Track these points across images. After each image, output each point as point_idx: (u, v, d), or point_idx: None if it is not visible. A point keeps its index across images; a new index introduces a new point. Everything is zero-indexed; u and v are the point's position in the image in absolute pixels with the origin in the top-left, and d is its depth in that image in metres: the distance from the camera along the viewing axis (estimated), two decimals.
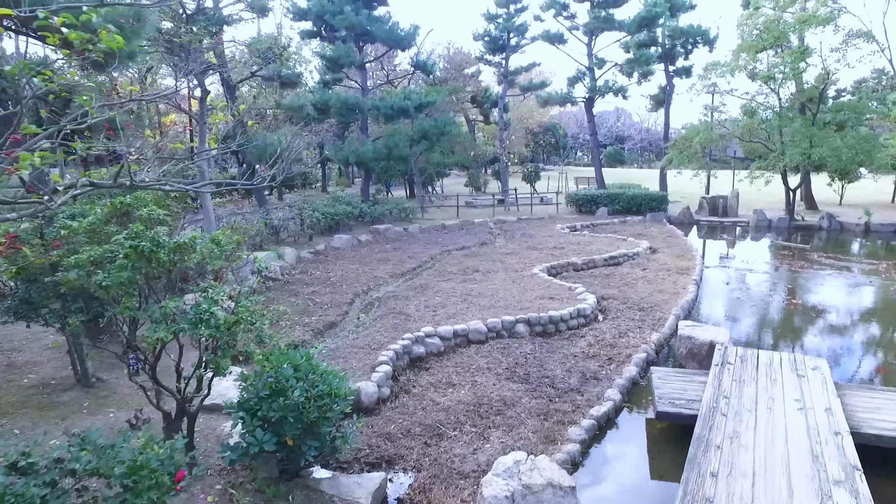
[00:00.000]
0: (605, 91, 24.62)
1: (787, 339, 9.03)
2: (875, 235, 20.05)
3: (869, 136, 22.16)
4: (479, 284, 11.60)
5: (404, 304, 10.27)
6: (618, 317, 9.44)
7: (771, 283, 12.66)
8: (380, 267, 13.87)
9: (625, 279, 12.00)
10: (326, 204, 18.56)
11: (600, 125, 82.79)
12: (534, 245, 16.18)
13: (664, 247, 16.02)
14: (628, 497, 5.03)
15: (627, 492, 5.09)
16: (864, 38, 19.83)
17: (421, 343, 8.00)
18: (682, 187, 30.47)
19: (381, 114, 19.54)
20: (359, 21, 18.51)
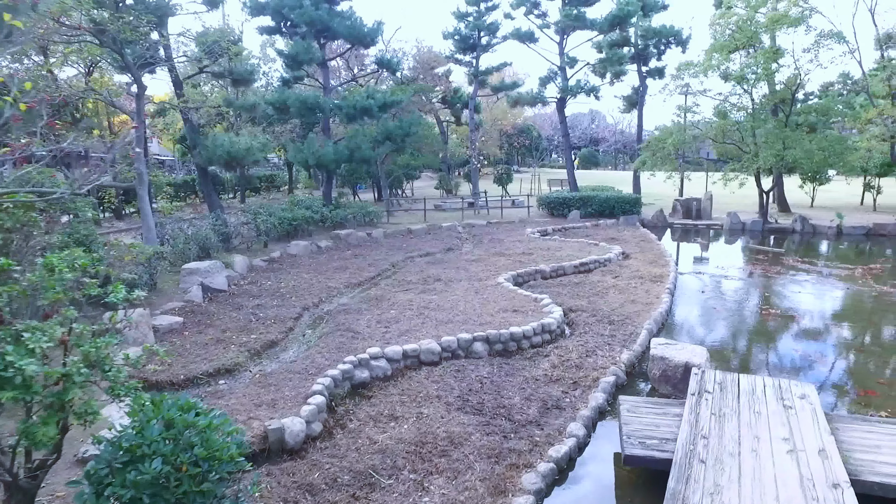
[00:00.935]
0: (577, 91, 24.02)
1: (768, 356, 8.36)
2: (847, 238, 19.77)
3: (840, 138, 21.95)
4: (439, 296, 10.75)
5: (355, 319, 9.37)
6: (586, 331, 8.67)
7: (746, 291, 12.07)
8: (336, 276, 12.95)
9: (595, 288, 11.26)
10: (284, 208, 17.55)
11: (574, 127, 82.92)
12: (501, 251, 15.40)
13: (637, 252, 15.38)
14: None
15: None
16: (836, 38, 19.53)
17: (365, 366, 7.12)
18: (656, 189, 30.07)
19: (343, 114, 18.59)
20: (319, 16, 17.55)
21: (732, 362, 7.98)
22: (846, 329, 9.52)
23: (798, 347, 8.50)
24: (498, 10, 26.40)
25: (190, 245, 13.10)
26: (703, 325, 9.73)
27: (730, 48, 20.11)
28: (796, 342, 8.77)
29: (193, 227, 14.20)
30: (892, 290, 11.85)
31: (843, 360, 8.08)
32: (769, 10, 19.81)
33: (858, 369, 7.71)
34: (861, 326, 9.70)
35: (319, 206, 18.91)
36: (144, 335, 8.09)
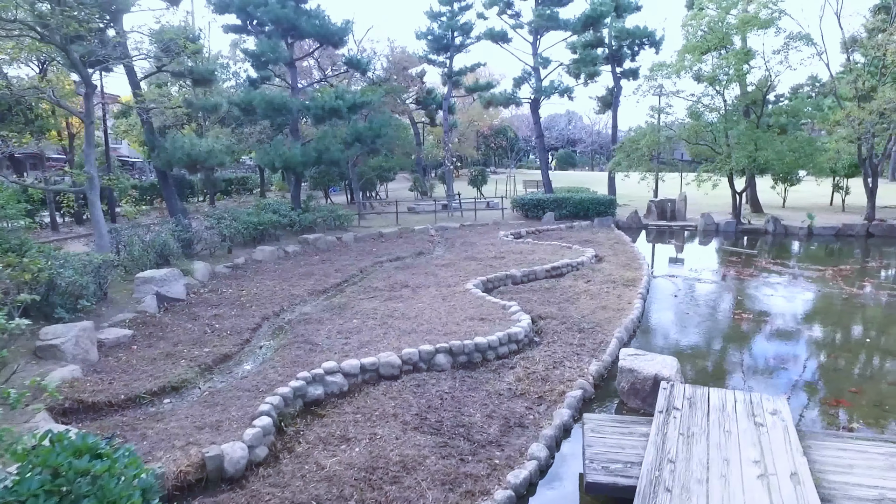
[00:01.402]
0: (551, 92, 23.83)
1: (740, 364, 8.13)
2: (817, 238, 19.87)
3: (810, 140, 22.10)
4: (405, 303, 10.37)
5: (315, 329, 8.95)
6: (555, 340, 8.36)
7: (720, 294, 11.91)
8: (301, 283, 12.49)
9: (566, 293, 10.98)
10: (250, 212, 17.00)
11: (552, 128, 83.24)
12: (473, 255, 15.07)
13: (611, 255, 15.17)
14: None
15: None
16: (804, 40, 19.62)
17: (320, 382, 6.70)
18: (631, 190, 30.07)
19: (311, 114, 18.11)
20: (285, 14, 17.05)
21: (704, 372, 7.74)
22: (818, 334, 9.38)
23: (770, 354, 8.30)
24: (471, 11, 26.08)
25: (148, 252, 12.52)
26: (675, 331, 9.50)
27: (702, 49, 20.09)
28: (768, 349, 8.57)
29: (152, 232, 13.60)
30: (861, 292, 11.80)
31: (814, 367, 7.90)
32: (740, 12, 19.82)
33: (830, 377, 7.52)
34: (832, 331, 9.56)
35: (287, 209, 18.38)
36: (86, 351, 7.57)
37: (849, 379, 7.39)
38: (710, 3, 20.40)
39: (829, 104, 28.94)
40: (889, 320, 10.13)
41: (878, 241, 19.33)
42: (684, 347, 8.75)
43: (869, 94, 19.90)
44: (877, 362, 8.03)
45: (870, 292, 11.82)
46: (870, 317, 10.40)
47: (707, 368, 7.82)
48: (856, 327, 9.77)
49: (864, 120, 18.97)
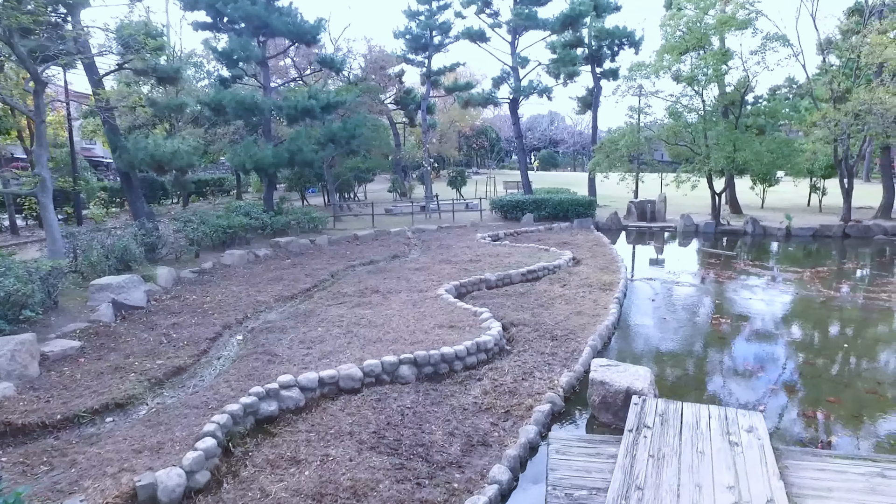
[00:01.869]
0: (529, 92, 23.56)
1: (716, 373, 7.86)
2: (795, 239, 19.85)
3: (788, 141, 22.11)
4: (374, 310, 9.98)
5: (277, 339, 8.53)
6: (526, 349, 8.03)
7: (698, 298, 11.68)
8: (269, 288, 12.04)
9: (541, 298, 10.67)
10: (220, 215, 16.46)
11: (534, 128, 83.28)
12: (448, 258, 14.72)
13: (588, 257, 14.91)
14: None
15: None
16: (781, 41, 19.58)
17: (274, 398, 6.29)
18: (612, 191, 29.94)
19: (284, 114, 17.64)
20: (256, 11, 16.55)
21: (679, 382, 7.45)
22: (795, 339, 9.16)
23: (747, 362, 8.04)
24: (450, 10, 25.78)
25: (108, 257, 11.98)
26: (651, 338, 9.22)
27: (680, 49, 19.97)
28: (745, 356, 8.32)
29: (114, 236, 13.04)
30: (839, 295, 11.65)
31: (792, 375, 7.66)
32: (718, 12, 19.74)
33: (807, 385, 7.28)
34: (810, 336, 9.36)
35: (259, 212, 17.88)
36: (24, 366, 7.07)
37: (827, 387, 7.16)
38: (689, 2, 20.28)
39: (806, 105, 29.11)
40: (865, 324, 9.97)
41: (854, 241, 19.36)
42: (660, 355, 8.47)
43: (844, 96, 19.93)
44: (854, 368, 7.82)
45: (846, 295, 11.68)
46: (846, 321, 10.23)
47: (682, 378, 7.54)
48: (833, 332, 9.59)
49: (840, 121, 18.97)
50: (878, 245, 18.57)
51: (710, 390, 7.07)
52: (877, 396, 6.78)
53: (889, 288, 12.28)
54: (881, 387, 7.09)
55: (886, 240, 19.50)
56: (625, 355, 8.36)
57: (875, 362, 8.06)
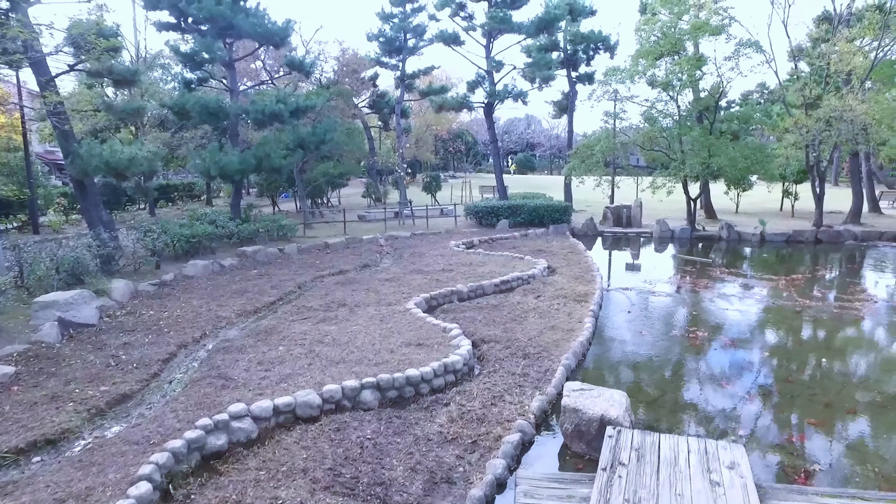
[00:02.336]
0: (504, 96, 23.29)
1: (693, 394, 7.58)
2: (770, 244, 19.88)
3: (761, 146, 22.20)
4: (339, 326, 9.52)
5: (234, 360, 8.02)
6: (497, 369, 7.66)
7: (674, 309, 11.44)
8: (231, 302, 11.50)
9: (514, 311, 10.32)
10: (183, 223, 15.83)
11: (511, 132, 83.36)
12: (420, 267, 14.30)
13: (564, 265, 14.63)
14: None
15: None
16: (754, 47, 19.60)
17: (223, 430, 5.82)
18: (588, 195, 29.82)
19: (251, 119, 17.06)
20: (220, 11, 15.95)
21: (656, 405, 7.13)
22: (774, 355, 8.94)
23: (726, 380, 7.78)
24: (424, 13, 25.40)
25: (58, 271, 11.32)
26: (627, 355, 8.91)
27: (655, 54, 19.88)
28: (723, 374, 8.06)
29: (65, 248, 12.35)
30: (815, 304, 11.52)
31: (772, 395, 7.41)
32: (692, 18, 19.70)
33: (788, 406, 7.03)
34: (788, 351, 9.15)
35: (226, 220, 17.27)
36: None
37: (807, 407, 6.91)
38: (663, 7, 20.21)
39: (778, 111, 29.39)
40: (840, 337, 9.83)
41: (826, 247, 19.46)
42: (636, 373, 8.17)
43: (815, 102, 20.03)
44: (834, 385, 7.60)
45: (821, 305, 11.54)
46: (822, 333, 10.07)
47: (659, 400, 7.23)
48: (810, 346, 9.39)
49: (812, 128, 19.04)
50: (849, 250, 18.68)
51: (688, 413, 6.77)
52: (857, 416, 6.55)
53: (861, 296, 12.22)
54: (862, 406, 6.88)
55: (856, 245, 19.65)
56: (599, 374, 8.05)
57: (854, 377, 7.86)
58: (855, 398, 7.11)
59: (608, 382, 7.70)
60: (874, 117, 17.93)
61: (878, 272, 15.43)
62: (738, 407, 6.91)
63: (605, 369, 8.25)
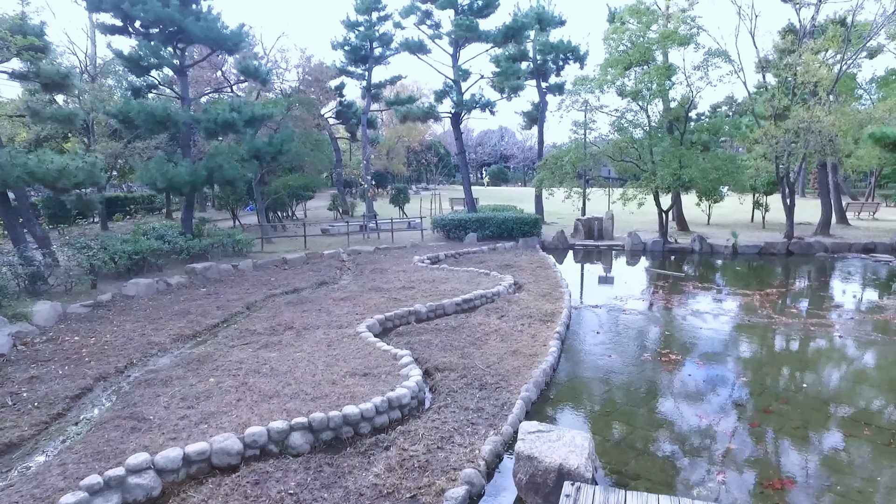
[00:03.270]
0: (472, 106, 22.70)
1: (665, 431, 6.89)
2: (742, 257, 19.55)
3: (732, 157, 21.96)
4: (281, 352, 8.65)
5: (155, 395, 7.09)
6: (448, 402, 6.87)
7: (645, 329, 10.79)
8: (170, 325, 10.54)
9: (474, 334, 9.56)
10: (126, 239, 14.75)
11: (484, 143, 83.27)
12: (380, 285, 13.48)
13: (531, 281, 13.95)
14: None
15: None
16: (723, 57, 19.38)
17: (116, 488, 4.92)
18: (560, 207, 29.36)
19: (202, 128, 16.11)
20: (167, 14, 15.04)
21: (623, 445, 6.41)
22: (750, 380, 8.31)
23: (700, 413, 7.10)
24: (391, 21, 24.80)
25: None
26: (594, 382, 8.19)
27: (625, 64, 19.52)
28: (699, 404, 7.39)
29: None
30: (790, 321, 11.01)
31: (748, 429, 6.75)
32: (660, 27, 19.41)
33: (767, 443, 6.38)
34: (764, 376, 8.53)
35: (175, 234, 16.23)
36: None
37: (787, 445, 6.27)
38: (631, 17, 19.90)
39: (747, 122, 29.42)
40: (817, 358, 9.30)
41: (797, 259, 19.20)
42: (603, 406, 7.45)
43: (784, 113, 19.87)
44: (814, 418, 6.98)
45: (795, 322, 11.03)
46: (799, 354, 9.51)
47: (628, 439, 6.50)
48: (789, 368, 8.79)
49: (780, 138, 18.83)
50: (819, 262, 18.41)
51: (660, 456, 6.05)
52: (841, 462, 5.93)
53: (835, 311, 11.79)
54: (853, 442, 6.27)
55: (826, 256, 19.43)
56: (563, 407, 7.31)
57: (836, 404, 7.26)
58: (844, 429, 6.50)
59: (571, 418, 6.99)
60: (841, 129, 17.76)
61: (850, 284, 15.09)
62: (714, 441, 6.23)
63: (568, 401, 7.51)
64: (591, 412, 7.18)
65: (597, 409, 7.26)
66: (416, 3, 21.73)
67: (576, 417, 7.03)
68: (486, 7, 22.07)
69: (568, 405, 7.36)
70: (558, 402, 7.43)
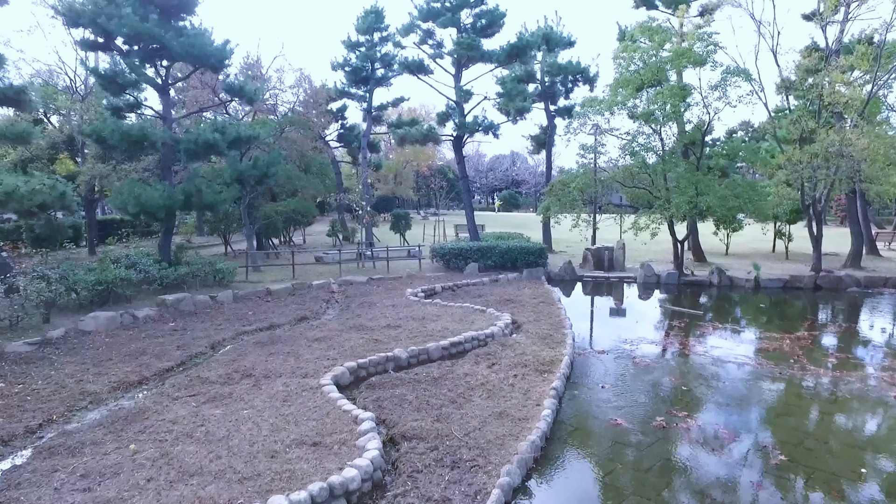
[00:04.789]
0: (474, 129, 21.55)
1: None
2: (765, 291, 17.97)
3: (752, 184, 20.51)
4: (227, 409, 7.33)
5: (51, 469, 5.80)
6: (409, 488, 5.47)
7: (657, 383, 9.26)
8: (116, 368, 9.32)
9: (458, 388, 8.17)
10: (92, 268, 13.65)
11: (496, 168, 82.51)
12: (363, 322, 12.17)
13: (532, 320, 12.55)
14: None
15: None
16: (743, 75, 18.10)
17: None
18: (569, 235, 27.92)
19: (182, 149, 15.09)
20: (146, 29, 14.15)
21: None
22: (789, 455, 6.80)
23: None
24: (392, 41, 23.91)
25: None
26: (594, 459, 6.71)
27: (636, 84, 18.29)
28: (722, 491, 5.92)
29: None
30: (831, 375, 9.47)
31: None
32: (674, 46, 18.22)
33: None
34: (807, 452, 7.01)
35: (150, 262, 15.11)
36: None
37: None
38: (642, 36, 18.77)
39: (767, 147, 27.97)
40: (876, 428, 7.74)
41: (827, 294, 17.56)
42: (602, 492, 6.00)
43: (810, 137, 18.45)
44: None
45: (838, 376, 9.47)
46: (851, 421, 7.90)
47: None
48: (835, 443, 7.16)
49: (808, 164, 17.42)
50: (852, 299, 16.79)
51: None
52: None
53: (885, 361, 10.22)
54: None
55: (859, 292, 17.81)
56: (551, 495, 5.88)
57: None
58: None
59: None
60: (878, 152, 16.29)
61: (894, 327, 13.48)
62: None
63: (560, 485, 6.07)
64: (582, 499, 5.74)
65: (595, 495, 5.81)
66: (417, 22, 20.80)
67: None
68: (490, 26, 21.08)
69: (559, 489, 5.92)
70: (548, 482, 6.00)
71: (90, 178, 20.09)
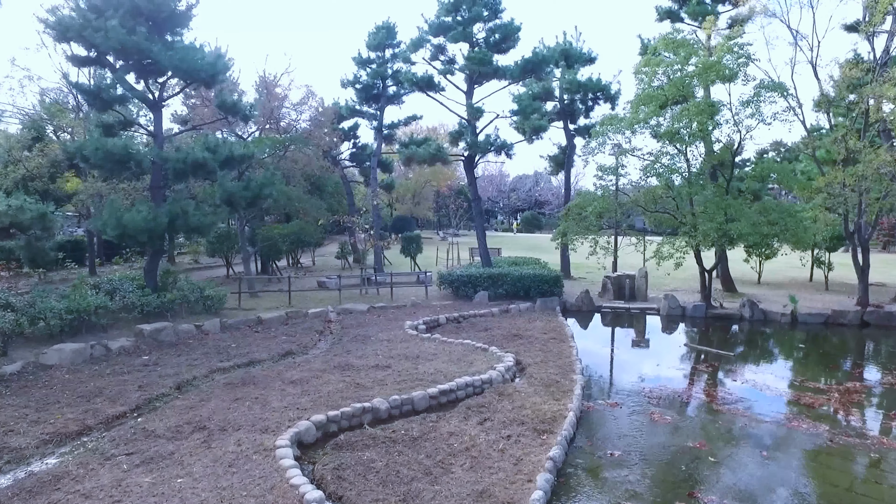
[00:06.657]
0: (486, 148, 20.39)
1: None
2: (804, 327, 16.24)
3: (789, 209, 18.76)
4: (158, 476, 6.16)
5: None
6: None
7: (680, 448, 7.75)
8: (59, 414, 8.29)
9: (437, 453, 6.85)
10: (66, 294, 12.74)
11: (518, 189, 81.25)
12: (351, 360, 10.95)
13: (538, 361, 11.17)
14: None
15: None
16: (779, 90, 16.59)
17: None
18: (588, 261, 26.42)
19: (170, 168, 14.23)
20: (134, 42, 13.40)
21: None
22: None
23: None
24: (404, 57, 23.01)
25: None
26: None
27: (659, 101, 16.93)
28: None
29: None
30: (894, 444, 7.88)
31: None
32: (700, 59, 16.84)
33: None
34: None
35: (133, 287, 14.19)
36: None
37: None
38: (666, 50, 17.44)
39: (802, 168, 26.14)
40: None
41: (876, 332, 15.72)
42: None
43: (854, 157, 16.78)
44: None
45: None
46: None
47: None
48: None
49: (855, 186, 15.78)
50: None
51: None
52: None
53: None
54: None
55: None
56: None
57: None
58: None
59: None
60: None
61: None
62: None
63: None
64: None
65: None
66: (426, 36, 19.85)
67: None
68: (504, 41, 20.01)
69: None
70: None
71: (89, 196, 19.45)
